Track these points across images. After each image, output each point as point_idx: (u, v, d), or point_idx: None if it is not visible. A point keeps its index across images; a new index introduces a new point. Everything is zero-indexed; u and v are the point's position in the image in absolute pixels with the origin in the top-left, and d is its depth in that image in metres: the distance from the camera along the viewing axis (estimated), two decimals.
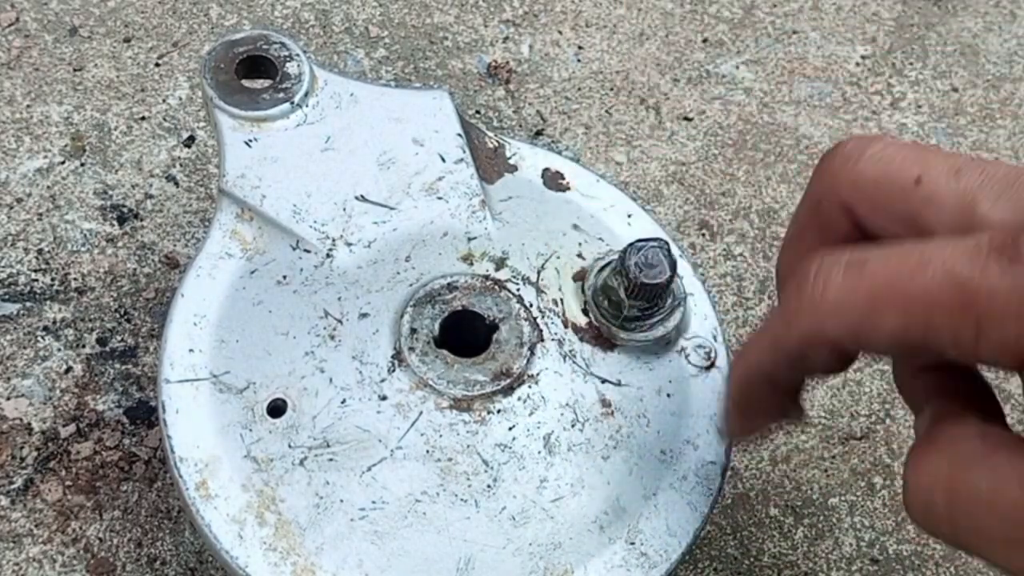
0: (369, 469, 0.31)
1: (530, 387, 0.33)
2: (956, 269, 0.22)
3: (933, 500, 0.25)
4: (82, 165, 0.47)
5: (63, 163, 0.47)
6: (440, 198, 0.36)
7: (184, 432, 0.31)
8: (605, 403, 0.33)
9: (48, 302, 0.43)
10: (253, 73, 0.37)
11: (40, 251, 0.44)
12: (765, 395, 0.28)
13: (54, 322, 0.43)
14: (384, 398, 0.32)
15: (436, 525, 0.30)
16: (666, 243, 0.32)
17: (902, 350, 0.26)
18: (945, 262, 0.23)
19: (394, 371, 0.32)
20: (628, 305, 0.32)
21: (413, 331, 0.33)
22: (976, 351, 0.23)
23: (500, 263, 0.35)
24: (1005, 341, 0.22)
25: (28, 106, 0.49)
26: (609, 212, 0.37)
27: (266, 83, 0.37)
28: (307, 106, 0.36)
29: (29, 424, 0.40)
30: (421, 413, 0.32)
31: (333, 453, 0.31)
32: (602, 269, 0.34)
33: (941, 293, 0.23)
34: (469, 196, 0.36)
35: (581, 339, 0.34)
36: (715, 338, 0.35)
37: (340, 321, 0.33)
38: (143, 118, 0.49)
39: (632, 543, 0.31)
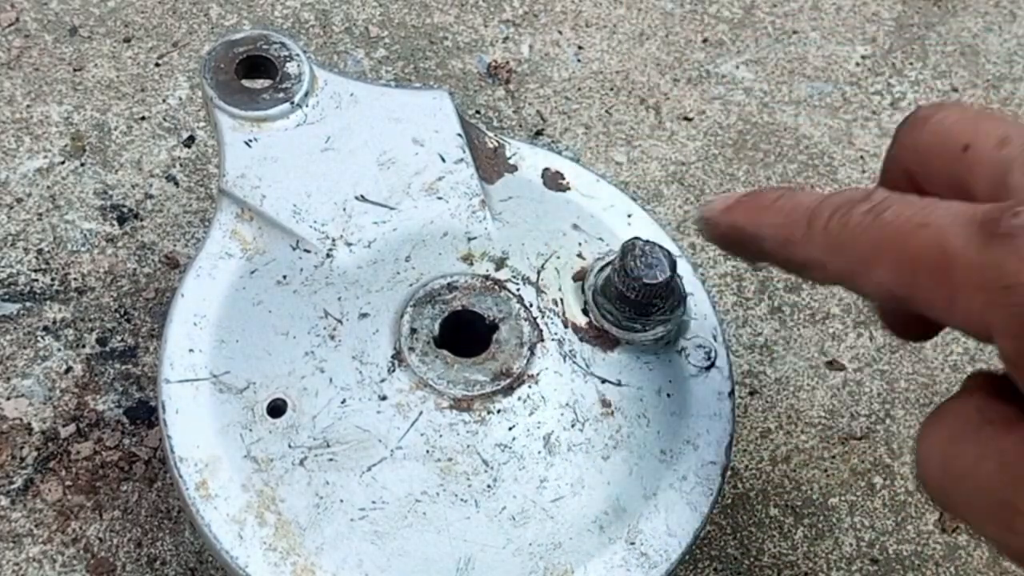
0: (369, 469, 0.31)
1: (530, 387, 0.33)
2: (944, 236, 0.23)
3: (931, 471, 0.26)
4: (82, 165, 0.47)
5: (63, 163, 0.47)
6: (440, 198, 0.36)
7: (184, 432, 0.31)
8: (605, 403, 0.33)
9: (48, 302, 0.43)
10: (253, 73, 0.37)
11: (40, 251, 0.44)
12: (750, 249, 0.29)
13: (54, 322, 0.43)
14: (384, 398, 0.32)
15: (436, 525, 0.30)
16: (660, 246, 0.32)
17: (890, 301, 0.27)
18: (940, 227, 0.23)
19: (394, 371, 0.32)
20: (628, 305, 0.32)
21: (413, 331, 0.33)
22: (950, 316, 0.24)
23: (500, 263, 0.35)
24: (971, 312, 0.23)
25: (28, 106, 0.49)
26: (609, 212, 0.37)
27: (266, 83, 0.37)
28: (307, 106, 0.36)
29: (29, 424, 0.40)
30: (421, 413, 0.32)
31: (333, 453, 0.31)
32: (602, 269, 0.34)
33: (928, 256, 0.23)
34: (469, 196, 0.36)
35: (581, 339, 0.34)
36: (715, 338, 0.35)
37: (340, 321, 0.33)
38: (143, 118, 0.49)
39: (632, 543, 0.31)
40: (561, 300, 0.34)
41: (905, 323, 0.31)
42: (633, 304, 0.32)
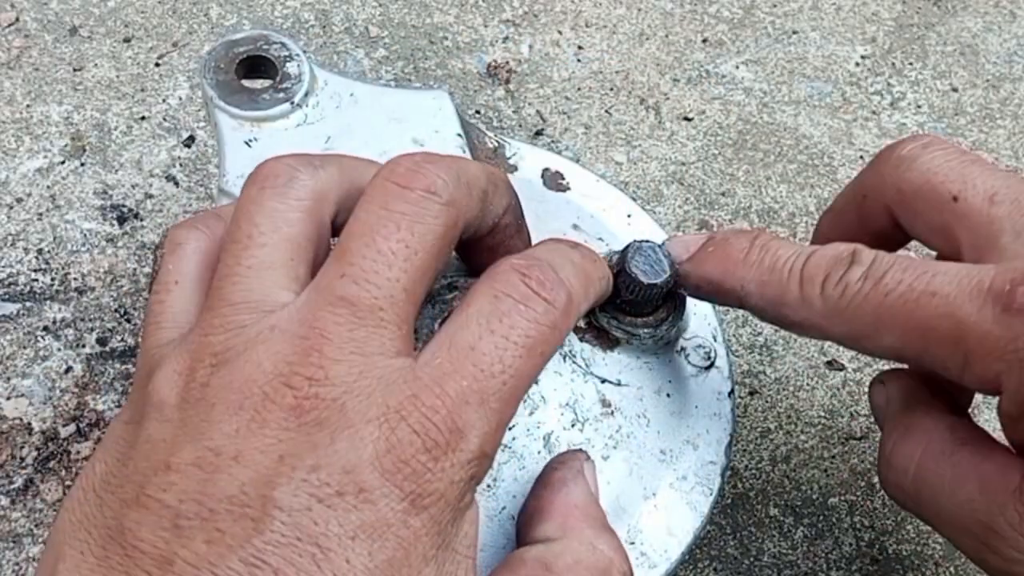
0: None
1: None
2: (956, 306, 0.25)
3: (905, 482, 0.28)
4: (82, 165, 0.47)
5: (63, 163, 0.47)
6: None
7: None
8: (605, 403, 0.33)
9: (48, 302, 0.43)
10: (253, 73, 0.37)
11: (40, 251, 0.44)
12: (730, 301, 0.31)
13: (54, 322, 0.43)
14: None
15: None
16: (660, 246, 0.32)
17: (898, 361, 0.28)
18: (949, 296, 0.25)
19: None
20: (627, 304, 0.32)
21: (414, 331, 0.33)
22: (961, 378, 0.26)
23: None
24: (986, 375, 0.25)
25: (28, 106, 0.49)
26: (609, 212, 0.37)
27: (266, 83, 0.37)
28: (307, 106, 0.36)
29: (29, 424, 0.40)
30: None
31: None
32: None
33: (940, 325, 0.25)
34: None
35: (581, 339, 0.34)
36: (715, 338, 0.35)
37: None
38: (143, 118, 0.49)
39: (632, 543, 0.31)
40: None
41: None
42: (633, 304, 0.32)
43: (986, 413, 0.42)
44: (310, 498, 0.21)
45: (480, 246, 0.28)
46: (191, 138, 0.49)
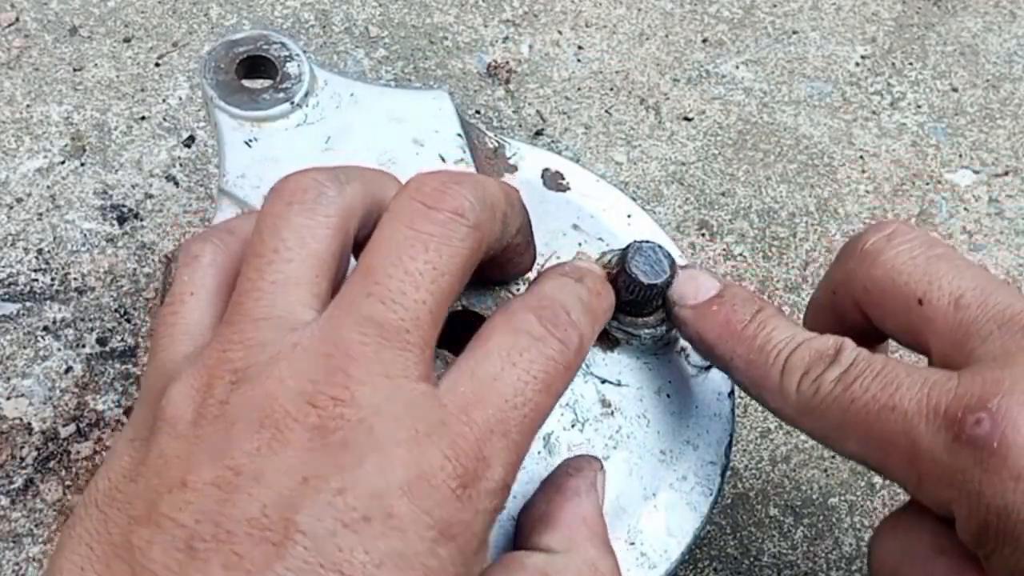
0: None
1: None
2: (911, 425, 0.25)
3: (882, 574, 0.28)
4: (82, 165, 0.47)
5: (63, 163, 0.47)
6: None
7: None
8: (605, 403, 0.33)
9: (48, 302, 0.43)
10: (253, 73, 0.37)
11: (40, 251, 0.44)
12: (717, 364, 0.31)
13: (54, 322, 0.43)
14: None
15: None
16: (660, 246, 0.32)
17: (861, 465, 0.28)
18: (907, 414, 0.25)
19: None
20: (627, 304, 0.32)
21: None
22: (916, 496, 0.26)
23: None
24: (938, 499, 0.25)
25: (28, 106, 0.49)
26: (609, 212, 0.37)
27: (266, 83, 0.37)
28: (307, 106, 0.36)
29: (29, 424, 0.40)
30: None
31: None
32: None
33: (897, 441, 0.25)
34: None
35: None
36: None
37: None
38: (143, 118, 0.49)
39: (632, 543, 0.31)
40: None
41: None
42: (633, 304, 0.32)
43: None
44: (335, 522, 0.20)
45: (487, 262, 0.28)
46: (191, 138, 0.49)
